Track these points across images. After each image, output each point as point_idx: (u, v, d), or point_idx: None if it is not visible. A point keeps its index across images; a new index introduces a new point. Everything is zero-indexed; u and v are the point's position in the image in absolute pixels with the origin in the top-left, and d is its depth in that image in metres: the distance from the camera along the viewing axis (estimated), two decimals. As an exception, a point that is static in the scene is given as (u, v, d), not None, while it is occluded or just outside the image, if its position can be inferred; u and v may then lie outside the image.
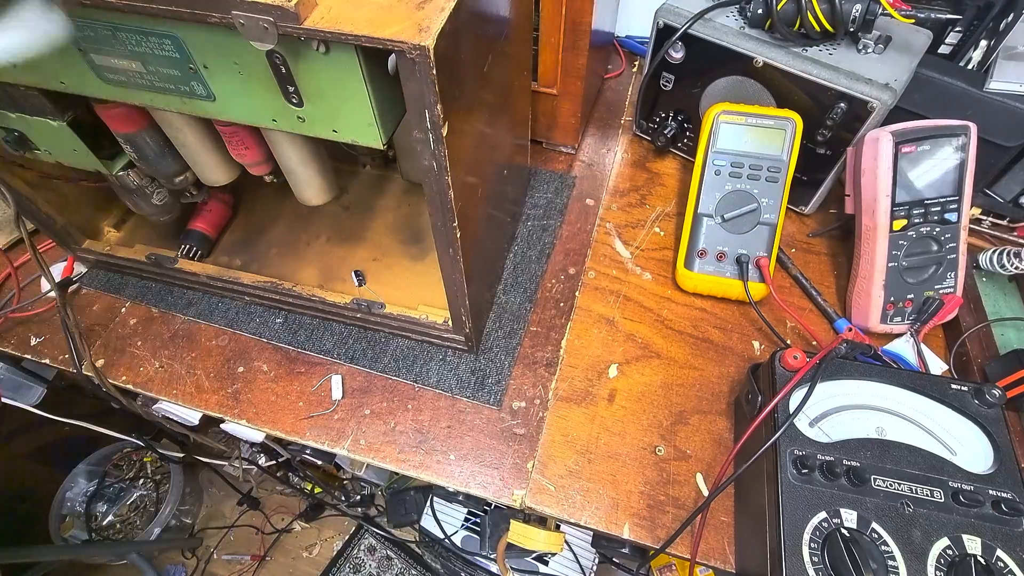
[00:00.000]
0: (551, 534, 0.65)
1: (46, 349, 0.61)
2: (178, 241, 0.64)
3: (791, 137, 0.58)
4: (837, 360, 0.46)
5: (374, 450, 0.54)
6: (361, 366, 0.58)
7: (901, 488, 0.41)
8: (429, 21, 0.29)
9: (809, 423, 0.45)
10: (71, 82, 0.41)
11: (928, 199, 0.55)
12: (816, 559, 0.38)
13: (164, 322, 0.62)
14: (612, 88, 0.86)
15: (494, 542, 1.04)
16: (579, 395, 0.56)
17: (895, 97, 0.54)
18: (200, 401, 0.57)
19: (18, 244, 0.67)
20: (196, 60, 0.36)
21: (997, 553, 0.38)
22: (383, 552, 1.36)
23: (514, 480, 0.52)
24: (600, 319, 0.61)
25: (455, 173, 0.37)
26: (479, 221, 0.48)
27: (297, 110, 0.37)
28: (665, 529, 0.49)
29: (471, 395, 0.56)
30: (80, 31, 0.36)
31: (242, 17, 0.29)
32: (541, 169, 0.75)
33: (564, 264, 0.66)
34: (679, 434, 0.54)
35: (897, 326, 0.57)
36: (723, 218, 0.60)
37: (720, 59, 0.61)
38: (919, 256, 0.56)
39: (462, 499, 1.12)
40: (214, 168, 0.52)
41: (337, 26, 0.29)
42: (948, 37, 0.63)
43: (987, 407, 0.44)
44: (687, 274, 0.61)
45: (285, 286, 0.59)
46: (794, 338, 0.59)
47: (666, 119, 0.71)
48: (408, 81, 0.31)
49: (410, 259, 0.64)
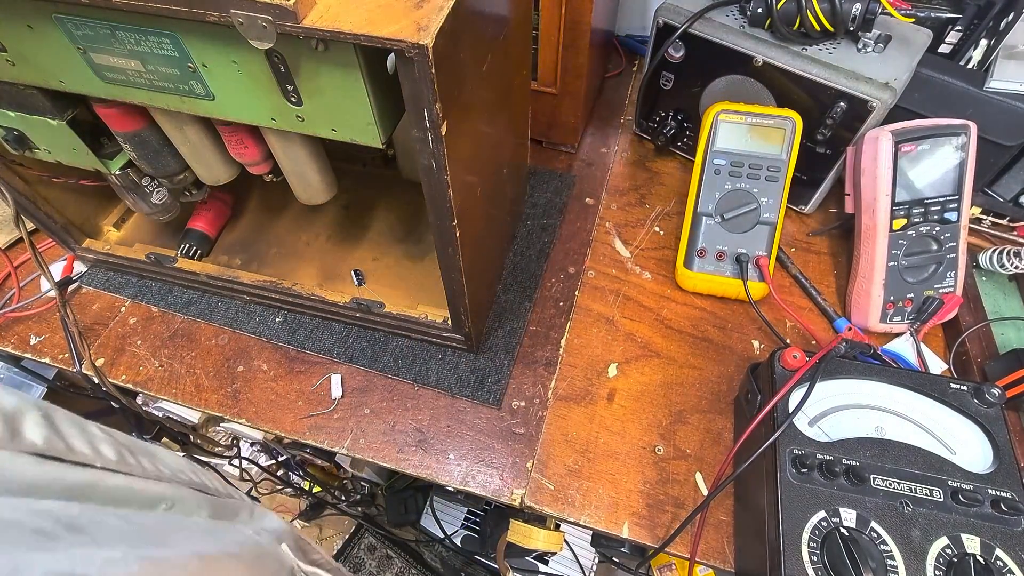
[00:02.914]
0: (551, 533, 0.65)
1: (46, 348, 0.61)
2: (178, 240, 0.64)
3: (791, 136, 0.58)
4: (837, 359, 0.46)
5: (374, 449, 0.54)
6: (361, 365, 0.58)
7: (900, 487, 0.41)
8: (428, 20, 0.29)
9: (808, 422, 0.45)
10: (70, 81, 0.41)
11: (928, 198, 0.55)
12: (815, 558, 0.38)
13: (164, 321, 0.62)
14: (612, 87, 0.85)
15: (494, 541, 1.04)
16: (579, 394, 0.56)
17: (895, 96, 0.54)
18: (200, 400, 0.57)
19: (18, 243, 0.67)
20: (195, 59, 0.36)
21: (996, 552, 0.38)
22: (383, 551, 1.36)
23: (513, 479, 0.52)
24: (600, 318, 0.61)
25: (454, 172, 0.37)
26: (478, 220, 0.48)
27: (296, 109, 0.37)
28: (664, 528, 0.49)
29: (471, 394, 0.56)
30: (79, 30, 0.36)
31: (241, 16, 0.29)
32: (541, 168, 0.75)
33: (564, 263, 0.66)
34: (678, 433, 0.54)
35: (897, 325, 0.57)
36: (723, 217, 0.60)
37: (720, 58, 0.61)
38: (919, 255, 0.56)
39: (462, 498, 1.12)
40: (213, 167, 0.52)
41: (336, 25, 0.29)
42: (948, 36, 0.63)
43: (987, 406, 0.44)
44: (687, 273, 0.61)
45: (285, 285, 0.59)
46: (794, 337, 0.59)
47: (666, 118, 0.71)
48: (407, 80, 0.31)
49: (410, 259, 0.64)
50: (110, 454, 0.23)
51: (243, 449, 1.11)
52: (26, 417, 0.21)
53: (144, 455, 0.26)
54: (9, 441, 0.20)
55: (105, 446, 0.23)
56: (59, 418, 0.22)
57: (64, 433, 0.22)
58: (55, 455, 0.21)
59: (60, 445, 0.21)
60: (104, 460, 0.23)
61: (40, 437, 0.21)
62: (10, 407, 0.21)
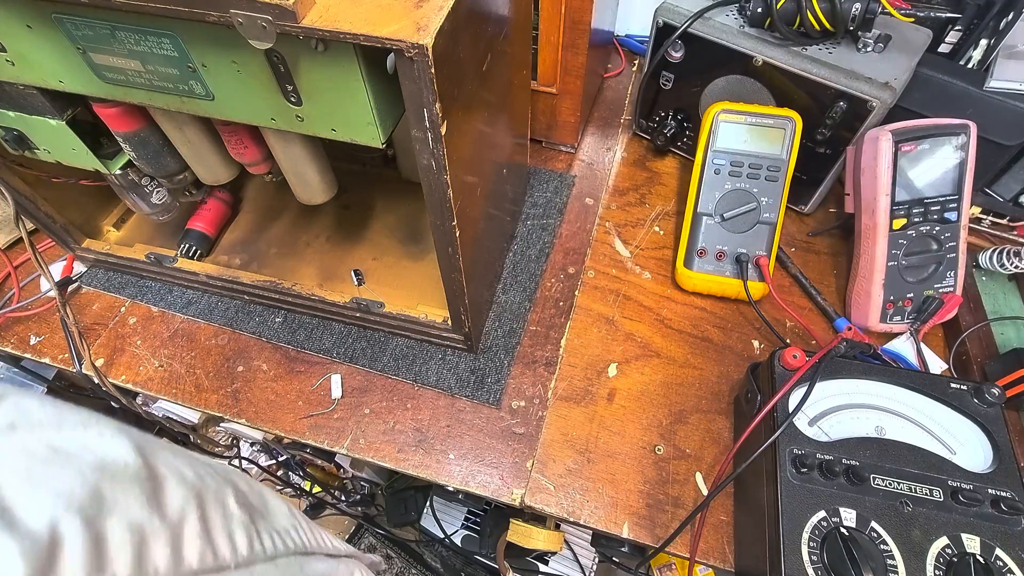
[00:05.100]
0: (551, 533, 0.65)
1: (46, 348, 0.61)
2: (178, 240, 0.64)
3: (791, 136, 0.58)
4: (837, 359, 0.46)
5: (373, 449, 0.54)
6: (360, 365, 0.58)
7: (900, 487, 0.41)
8: (427, 20, 0.29)
9: (808, 422, 0.45)
10: (70, 81, 0.41)
11: (928, 198, 0.55)
12: (815, 558, 0.38)
13: (164, 321, 0.62)
14: (612, 87, 0.85)
15: (494, 541, 1.04)
16: (578, 394, 0.56)
17: (895, 96, 0.54)
18: (199, 400, 0.57)
19: (17, 243, 0.67)
20: (195, 59, 0.36)
21: (996, 552, 0.38)
22: (383, 551, 1.36)
23: (513, 479, 0.52)
24: (600, 318, 0.61)
25: (454, 172, 0.37)
26: (478, 220, 0.48)
27: (296, 109, 0.37)
28: (664, 528, 0.49)
29: (470, 394, 0.56)
30: (79, 30, 0.36)
31: (240, 16, 0.29)
32: (541, 168, 0.75)
33: (563, 263, 0.66)
34: (678, 433, 0.54)
35: (897, 325, 0.57)
36: (723, 217, 0.60)
37: (720, 58, 0.61)
38: (919, 255, 0.56)
39: (462, 498, 1.12)
40: (213, 167, 0.52)
41: (335, 25, 0.29)
42: (948, 36, 0.63)
43: (986, 406, 0.44)
44: (687, 273, 0.61)
45: (285, 285, 0.59)
46: (794, 337, 0.59)
47: (666, 118, 0.71)
48: (406, 80, 0.31)
49: (410, 258, 0.64)
50: (243, 546, 0.21)
51: (243, 449, 1.11)
52: (187, 526, 0.19)
53: (263, 523, 0.23)
54: (174, 570, 0.18)
55: (239, 532, 0.21)
56: (209, 506, 0.20)
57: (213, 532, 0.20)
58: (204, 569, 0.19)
59: (209, 557, 0.19)
60: (239, 558, 0.21)
61: (196, 554, 0.19)
62: (177, 513, 0.18)
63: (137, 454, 0.19)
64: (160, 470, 0.19)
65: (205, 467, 0.22)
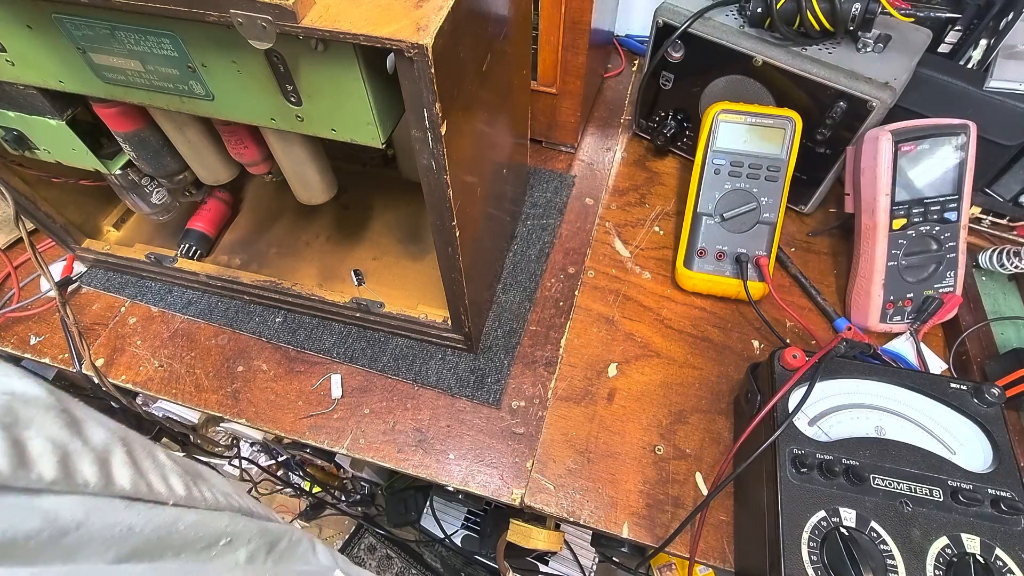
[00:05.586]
0: (550, 533, 0.65)
1: (46, 348, 0.61)
2: (178, 240, 0.64)
3: (791, 136, 0.58)
4: (836, 359, 0.46)
5: (373, 449, 0.54)
6: (360, 365, 0.58)
7: (900, 487, 0.41)
8: (427, 20, 0.29)
9: (808, 422, 0.45)
10: (70, 81, 0.41)
11: (928, 198, 0.55)
12: (815, 558, 0.38)
13: (163, 321, 0.62)
14: (612, 87, 0.86)
15: (493, 541, 1.04)
16: (578, 394, 0.56)
17: (895, 96, 0.54)
18: (199, 400, 0.57)
19: (17, 243, 0.67)
20: (194, 59, 0.36)
21: (996, 552, 0.38)
22: (383, 551, 1.36)
23: (513, 479, 0.52)
24: (599, 318, 0.61)
25: (454, 172, 0.37)
26: (478, 220, 0.48)
27: (296, 109, 0.37)
28: (664, 528, 0.49)
29: (470, 394, 0.56)
30: (79, 30, 0.36)
31: (240, 16, 0.29)
32: (540, 168, 0.75)
33: (563, 263, 0.66)
34: (678, 433, 0.54)
35: (897, 325, 0.57)
36: (722, 217, 0.60)
37: (720, 58, 0.61)
38: (919, 255, 0.56)
39: (462, 498, 1.12)
40: (213, 167, 0.52)
41: (335, 25, 0.29)
42: (948, 36, 0.63)
43: (986, 406, 0.44)
44: (686, 273, 0.61)
45: (284, 285, 0.59)
46: (793, 337, 0.59)
47: (666, 118, 0.71)
48: (406, 80, 0.31)
49: (410, 258, 0.64)
50: (180, 488, 0.23)
51: (243, 449, 1.11)
52: (115, 456, 0.20)
53: (202, 482, 0.25)
54: (104, 487, 0.19)
55: (174, 478, 0.23)
56: (137, 450, 0.21)
57: (143, 469, 0.21)
58: (139, 497, 0.20)
59: (143, 487, 0.21)
60: (176, 496, 0.22)
61: (128, 480, 0.20)
62: (100, 444, 0.20)
63: (49, 394, 0.20)
64: (77, 413, 0.20)
65: (128, 431, 0.23)
